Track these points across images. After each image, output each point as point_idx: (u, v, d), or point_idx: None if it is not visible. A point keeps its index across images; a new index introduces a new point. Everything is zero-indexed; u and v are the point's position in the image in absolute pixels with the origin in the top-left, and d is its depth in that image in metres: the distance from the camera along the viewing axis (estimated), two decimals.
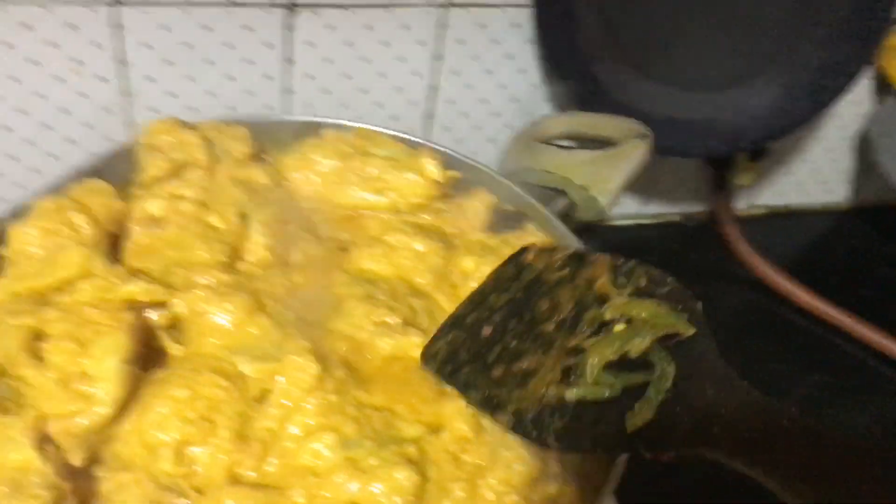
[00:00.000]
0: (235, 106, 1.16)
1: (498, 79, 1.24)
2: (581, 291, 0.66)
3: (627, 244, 1.46)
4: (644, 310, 0.61)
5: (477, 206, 0.85)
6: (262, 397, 0.66)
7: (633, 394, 0.56)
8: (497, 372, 0.65)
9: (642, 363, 0.57)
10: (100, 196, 0.75)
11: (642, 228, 1.47)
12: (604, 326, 0.61)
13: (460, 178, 0.86)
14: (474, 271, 0.78)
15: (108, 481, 0.65)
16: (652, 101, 1.16)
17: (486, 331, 0.69)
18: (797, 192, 1.52)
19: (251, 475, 0.63)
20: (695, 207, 1.49)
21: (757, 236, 1.44)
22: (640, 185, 1.43)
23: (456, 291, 0.78)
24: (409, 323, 0.73)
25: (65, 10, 1.03)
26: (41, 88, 1.09)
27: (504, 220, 0.87)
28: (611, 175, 0.87)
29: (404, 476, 0.61)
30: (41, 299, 0.67)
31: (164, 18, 1.07)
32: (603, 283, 0.65)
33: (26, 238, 0.71)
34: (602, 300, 0.64)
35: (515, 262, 0.74)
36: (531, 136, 0.96)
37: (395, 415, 0.68)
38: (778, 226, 1.52)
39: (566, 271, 0.69)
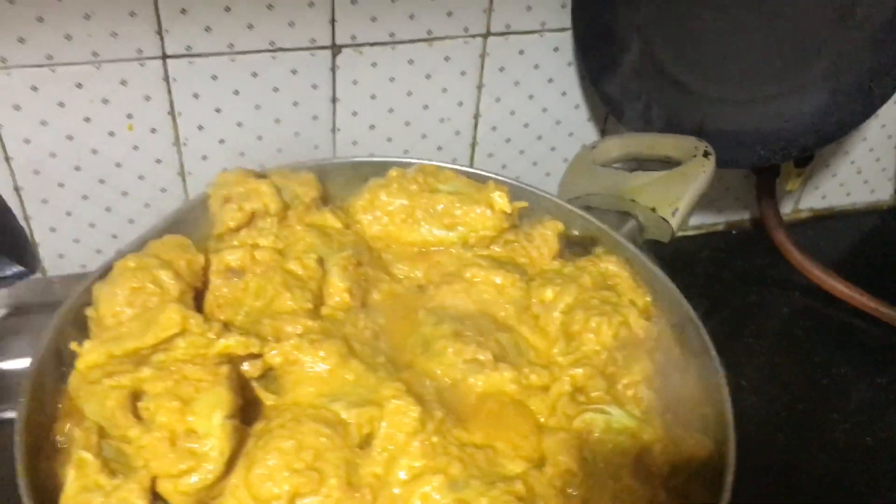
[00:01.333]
0: (282, 148, 1.18)
1: (540, 103, 1.24)
2: None
3: (673, 257, 1.44)
4: None
5: (546, 235, 0.85)
6: (365, 443, 0.67)
7: None
8: None
9: None
10: (180, 251, 0.76)
11: (687, 240, 1.47)
12: None
13: (527, 207, 0.86)
14: (554, 301, 0.78)
15: None
16: (699, 115, 1.16)
17: None
18: (841, 193, 1.52)
19: None
20: (739, 216, 1.49)
21: (802, 240, 1.43)
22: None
23: (538, 322, 0.78)
24: (499, 358, 0.73)
25: (114, 67, 1.05)
26: (95, 144, 1.11)
27: (572, 247, 0.88)
28: (678, 195, 0.87)
29: None
30: (136, 359, 0.68)
31: (211, 68, 1.08)
32: None
33: (114, 299, 0.72)
34: None
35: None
36: (590, 160, 0.96)
37: (496, 452, 0.68)
38: (823, 228, 1.52)
39: None
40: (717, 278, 1.43)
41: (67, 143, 1.10)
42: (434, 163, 0.88)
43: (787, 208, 1.50)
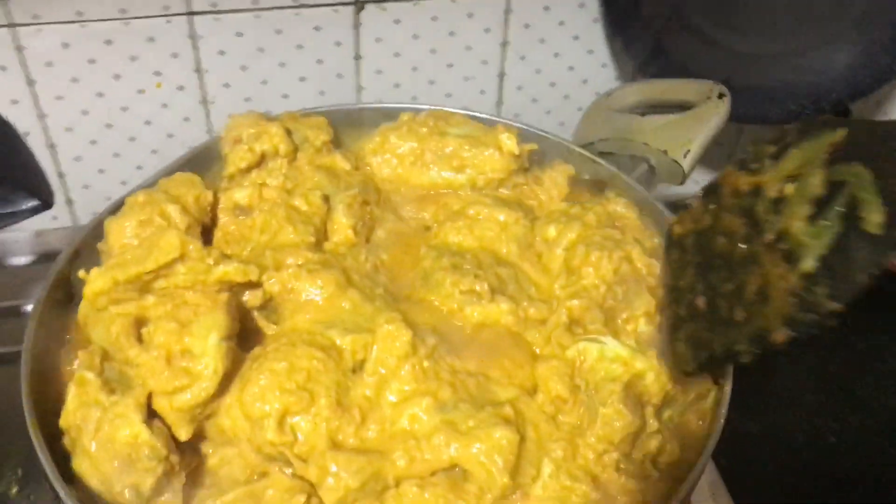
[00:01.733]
0: (307, 106, 1.19)
1: (566, 61, 1.23)
2: (737, 204, 0.65)
3: None
4: (791, 161, 0.59)
5: (556, 178, 0.85)
6: (359, 367, 0.67)
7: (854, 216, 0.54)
8: (739, 314, 0.61)
9: (835, 188, 0.56)
10: (189, 187, 0.77)
11: None
12: (779, 203, 0.60)
13: (537, 150, 0.86)
14: (558, 238, 0.78)
15: (213, 456, 0.67)
16: (726, 68, 1.14)
17: (701, 302, 0.66)
18: None
19: (352, 441, 0.64)
20: None
21: None
22: (718, 159, 1.40)
23: (541, 260, 0.78)
24: (497, 290, 0.73)
25: (142, 23, 1.07)
26: (125, 101, 1.13)
27: (583, 190, 0.87)
28: (690, 137, 0.86)
29: (503, 436, 0.62)
30: (142, 287, 0.70)
31: (236, 25, 1.10)
32: (744, 181, 0.64)
33: (123, 231, 0.74)
34: (757, 193, 0.63)
35: (671, 244, 0.73)
36: (606, 105, 0.95)
37: (489, 379, 0.68)
38: None
39: (712, 207, 0.67)
40: None
41: (98, 101, 1.13)
42: (444, 107, 0.88)
43: None
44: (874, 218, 0.53)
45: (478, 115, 0.90)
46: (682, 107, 0.90)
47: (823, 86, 1.11)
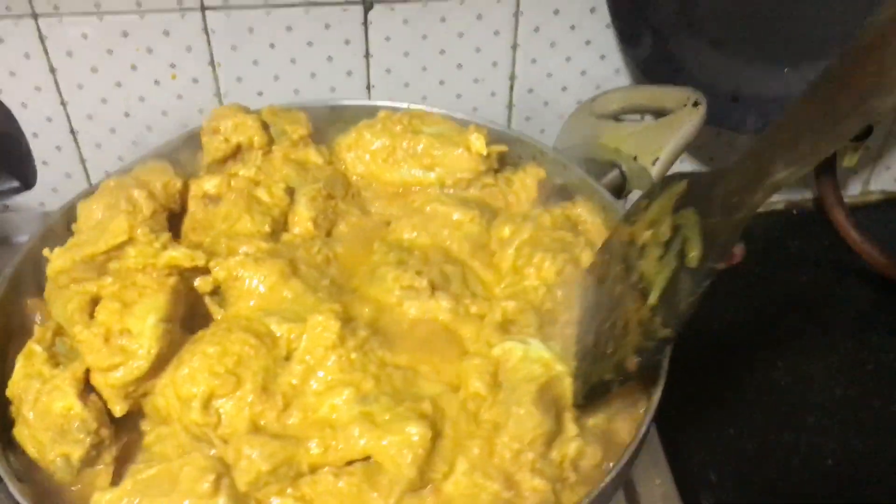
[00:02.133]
0: (318, 99, 1.21)
1: (577, 65, 1.23)
2: (620, 252, 0.71)
3: None
4: (651, 212, 0.67)
5: (526, 180, 0.85)
6: (290, 356, 0.69)
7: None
8: (610, 347, 0.67)
9: (676, 231, 0.63)
10: (160, 175, 0.80)
11: None
12: (643, 249, 0.67)
13: (507, 151, 0.86)
14: (510, 238, 0.78)
15: (150, 433, 0.69)
16: (736, 78, 1.12)
17: (589, 340, 0.71)
18: None
19: (274, 427, 0.66)
20: (799, 195, 1.42)
21: (871, 224, 1.35)
22: None
23: (492, 259, 0.78)
24: (439, 287, 0.74)
25: (157, 17, 1.11)
26: (142, 91, 1.18)
27: (556, 194, 0.87)
28: (661, 144, 0.85)
29: (416, 430, 0.62)
30: (99, 267, 0.73)
31: (247, 21, 1.13)
32: (623, 232, 0.71)
33: (91, 213, 0.77)
34: (632, 242, 0.69)
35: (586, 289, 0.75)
36: (589, 111, 0.95)
37: (417, 374, 0.69)
38: (895, 212, 1.42)
39: (606, 258, 0.73)
40: (770, 258, 1.37)
41: (117, 90, 1.17)
42: (424, 107, 0.89)
43: (854, 189, 1.42)
44: (693, 253, 0.59)
45: (457, 115, 0.90)
46: (663, 114, 0.89)
47: None
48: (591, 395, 0.67)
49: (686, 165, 1.34)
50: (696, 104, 0.85)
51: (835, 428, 1.14)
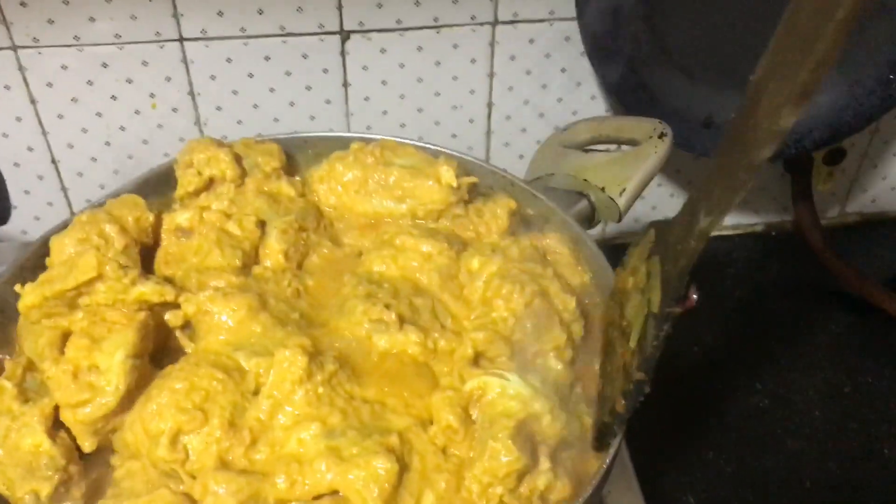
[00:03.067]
0: (298, 131, 1.22)
1: (554, 93, 1.24)
2: (618, 299, 0.74)
3: (707, 256, 1.41)
4: (632, 259, 0.72)
5: (496, 211, 0.86)
6: (259, 390, 0.69)
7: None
8: (608, 391, 0.70)
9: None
10: (132, 209, 0.81)
11: (722, 240, 1.43)
12: (628, 295, 0.71)
13: (477, 182, 0.87)
14: (479, 270, 0.79)
15: (120, 468, 0.69)
16: (706, 105, 1.13)
17: (599, 385, 0.73)
18: (893, 196, 1.43)
19: (242, 462, 0.66)
20: (778, 217, 1.43)
21: (849, 246, 1.37)
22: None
23: (462, 292, 0.79)
24: (408, 321, 0.74)
25: (136, 48, 1.12)
26: (122, 121, 1.19)
27: (526, 224, 0.88)
28: (628, 175, 0.86)
29: (382, 465, 0.63)
30: (70, 303, 0.73)
31: (226, 51, 1.14)
32: (619, 279, 0.75)
33: (63, 247, 0.77)
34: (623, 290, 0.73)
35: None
36: (558, 141, 0.96)
37: (385, 407, 0.69)
38: (872, 234, 1.44)
39: (611, 303, 0.75)
40: (748, 281, 1.38)
41: (97, 120, 1.18)
42: (395, 138, 0.90)
43: (832, 211, 1.43)
44: (655, 299, 0.63)
45: (429, 145, 0.91)
46: (631, 144, 0.90)
47: (806, 125, 1.10)
48: (600, 438, 0.69)
49: (664, 189, 1.36)
50: (661, 136, 0.86)
51: (813, 451, 1.15)
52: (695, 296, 0.62)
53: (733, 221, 1.43)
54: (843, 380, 1.24)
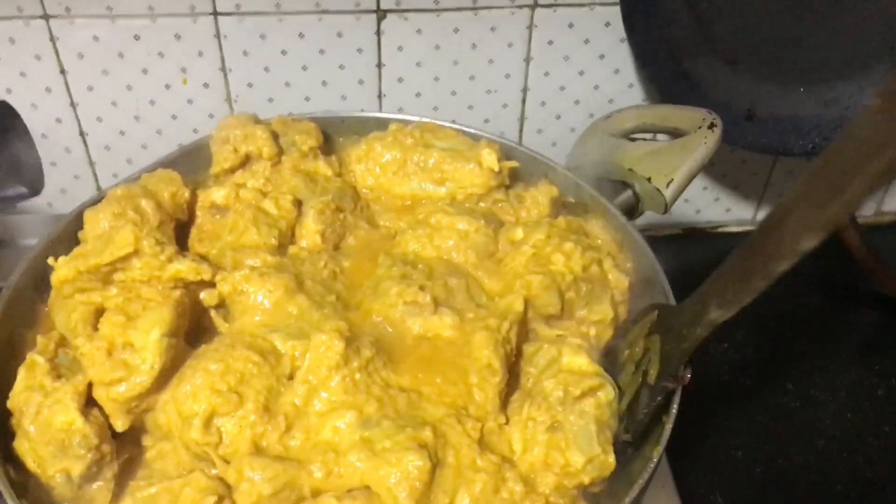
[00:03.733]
0: (329, 110, 1.20)
1: (591, 79, 1.22)
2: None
3: (731, 250, 1.39)
4: (632, 333, 0.74)
5: (538, 197, 0.84)
6: (294, 374, 0.68)
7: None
8: None
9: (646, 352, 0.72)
10: (168, 184, 0.79)
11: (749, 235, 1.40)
12: (623, 365, 0.75)
13: (518, 167, 0.85)
14: (525, 238, 0.77)
15: (152, 449, 0.68)
16: (748, 97, 1.11)
17: None
18: None
19: (277, 448, 0.65)
20: None
21: (885, 245, 1.34)
22: (752, 188, 1.36)
23: (499, 268, 0.77)
24: (442, 303, 0.72)
25: (169, 21, 1.10)
26: (152, 95, 1.17)
27: (567, 213, 0.86)
28: (675, 165, 0.83)
29: (413, 462, 0.61)
30: (104, 278, 0.72)
31: (259, 27, 1.12)
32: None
33: (98, 221, 0.76)
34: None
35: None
36: (603, 129, 0.93)
37: (421, 396, 0.67)
38: None
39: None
40: (780, 279, 1.34)
41: (127, 94, 1.16)
42: (435, 120, 0.88)
43: (868, 210, 1.40)
44: (652, 372, 0.68)
45: (470, 129, 0.89)
46: (677, 134, 0.88)
47: (846, 118, 1.07)
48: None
49: (698, 182, 1.33)
50: (711, 126, 0.84)
51: (844, 453, 1.13)
52: (688, 375, 0.67)
53: (762, 215, 1.40)
54: (876, 381, 1.21)
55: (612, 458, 0.66)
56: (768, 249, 0.55)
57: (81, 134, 1.19)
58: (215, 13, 1.11)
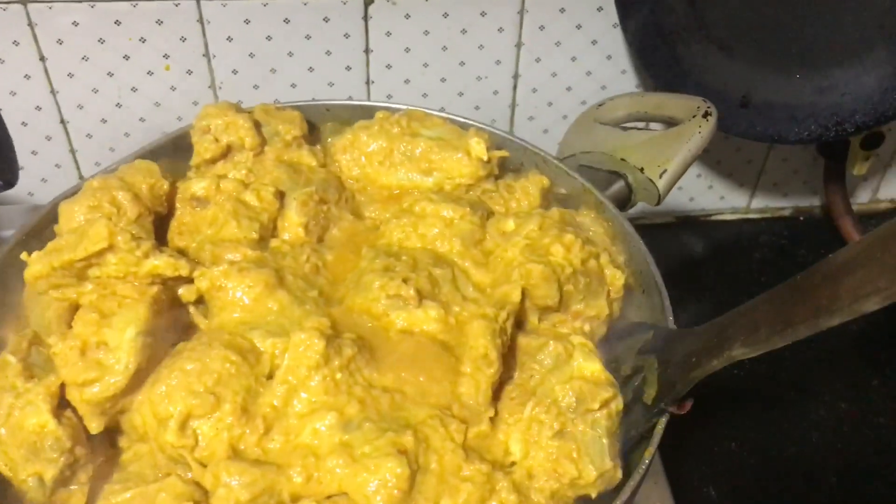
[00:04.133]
0: (316, 97, 1.18)
1: (583, 66, 1.19)
2: None
3: (733, 240, 1.37)
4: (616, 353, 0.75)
5: (528, 188, 0.82)
6: (273, 374, 0.65)
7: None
8: None
9: (636, 371, 0.71)
10: (146, 175, 0.77)
11: (748, 223, 1.39)
12: None
13: (508, 157, 0.83)
14: (517, 230, 0.75)
15: (128, 451, 0.66)
16: (744, 83, 1.08)
17: None
18: None
19: (255, 451, 0.62)
20: (808, 201, 1.39)
21: None
22: (747, 175, 1.35)
23: (487, 258, 0.75)
24: (427, 295, 0.70)
25: (151, 6, 1.07)
26: (134, 82, 1.14)
27: (558, 204, 0.84)
28: (669, 156, 0.81)
29: (391, 469, 0.59)
30: (79, 274, 0.69)
31: (244, 12, 1.10)
32: None
33: (73, 214, 0.73)
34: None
35: None
36: (594, 117, 0.91)
37: (404, 396, 0.65)
38: None
39: None
40: (774, 266, 1.34)
41: (108, 80, 1.14)
42: (423, 109, 0.86)
43: (863, 197, 1.39)
44: (650, 393, 0.66)
45: (457, 117, 0.87)
46: (671, 123, 0.85)
47: (848, 107, 1.05)
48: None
49: (692, 169, 1.31)
50: (706, 115, 0.82)
51: (838, 444, 1.12)
52: (690, 403, 0.66)
53: (761, 205, 1.38)
54: (871, 372, 1.20)
55: (620, 473, 0.64)
56: (821, 301, 0.50)
57: (62, 122, 1.17)
58: None
